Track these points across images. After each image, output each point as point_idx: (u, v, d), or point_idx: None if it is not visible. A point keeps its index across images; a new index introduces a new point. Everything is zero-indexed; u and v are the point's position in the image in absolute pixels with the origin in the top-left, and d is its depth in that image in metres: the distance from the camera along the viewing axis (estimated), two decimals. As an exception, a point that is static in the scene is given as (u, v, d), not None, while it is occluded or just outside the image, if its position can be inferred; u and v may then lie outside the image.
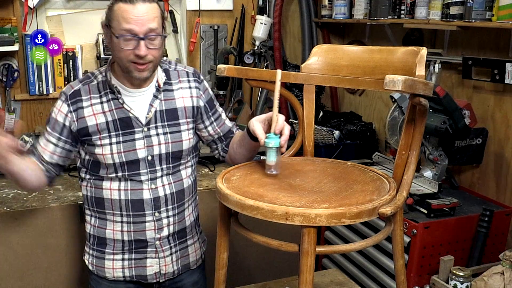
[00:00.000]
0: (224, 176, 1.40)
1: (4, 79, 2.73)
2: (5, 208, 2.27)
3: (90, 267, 1.79)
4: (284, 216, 1.16)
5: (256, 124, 1.49)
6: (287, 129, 1.43)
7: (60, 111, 1.68)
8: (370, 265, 2.45)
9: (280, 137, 1.40)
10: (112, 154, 1.66)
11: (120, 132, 1.67)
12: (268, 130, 1.45)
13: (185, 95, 1.74)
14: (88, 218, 1.79)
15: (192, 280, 1.87)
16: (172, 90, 1.73)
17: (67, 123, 1.67)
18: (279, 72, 1.47)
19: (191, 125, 1.76)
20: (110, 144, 1.66)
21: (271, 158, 1.37)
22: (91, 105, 1.67)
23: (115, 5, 1.57)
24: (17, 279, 2.29)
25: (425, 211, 2.21)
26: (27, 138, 2.77)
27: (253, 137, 1.57)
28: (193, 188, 1.83)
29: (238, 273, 2.60)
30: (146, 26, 1.54)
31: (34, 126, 2.86)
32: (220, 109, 1.84)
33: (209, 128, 1.81)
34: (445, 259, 2.09)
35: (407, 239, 2.16)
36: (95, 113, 1.66)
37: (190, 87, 1.76)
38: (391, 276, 2.30)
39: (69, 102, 1.67)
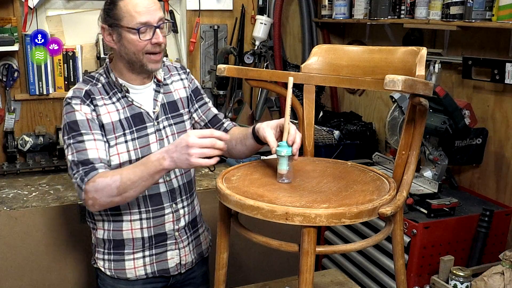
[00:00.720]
0: (224, 176, 1.40)
1: (4, 79, 2.73)
2: (5, 208, 2.27)
3: (108, 272, 1.76)
4: (284, 216, 1.16)
5: (268, 130, 1.48)
6: (299, 138, 1.40)
7: (85, 113, 1.62)
8: (370, 265, 2.45)
9: (291, 146, 1.37)
10: (128, 151, 1.67)
11: (134, 128, 1.68)
12: (279, 137, 1.44)
13: (179, 87, 1.82)
14: (99, 224, 1.76)
15: (202, 271, 1.92)
16: (168, 84, 1.80)
17: (97, 121, 1.64)
18: (291, 79, 1.45)
19: (189, 115, 1.83)
20: (126, 141, 1.67)
21: (283, 167, 1.35)
22: (105, 104, 1.67)
23: (119, 2, 1.60)
24: (17, 279, 2.29)
25: (425, 211, 2.21)
26: (27, 138, 2.78)
27: (258, 140, 1.59)
28: (195, 178, 1.90)
29: (238, 273, 2.60)
30: (157, 15, 1.62)
31: (34, 126, 2.86)
32: (207, 99, 1.89)
33: (194, 115, 1.85)
34: (445, 259, 2.09)
35: (407, 239, 2.16)
36: (109, 111, 1.66)
37: (181, 79, 1.84)
38: (391, 276, 2.30)
39: (88, 102, 1.64)
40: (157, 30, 1.61)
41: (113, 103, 1.68)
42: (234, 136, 1.79)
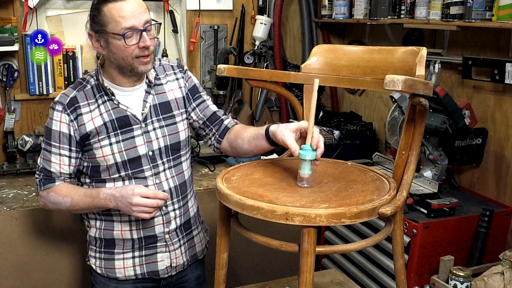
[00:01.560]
0: (224, 176, 1.40)
1: (4, 79, 2.73)
2: (5, 208, 2.27)
3: (99, 271, 1.78)
4: (284, 216, 1.16)
5: (287, 134, 1.41)
6: (322, 142, 1.36)
7: (62, 122, 1.66)
8: (370, 265, 2.45)
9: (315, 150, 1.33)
10: (113, 154, 1.67)
11: (119, 131, 1.68)
12: (298, 140, 1.40)
13: (174, 87, 1.79)
14: (92, 222, 1.78)
15: (196, 275, 1.90)
16: (162, 84, 1.76)
17: (72, 133, 1.67)
18: (316, 81, 1.39)
19: (184, 116, 1.79)
20: (110, 144, 1.67)
21: (305, 171, 1.31)
22: (90, 111, 1.67)
23: (103, 8, 1.58)
24: (17, 279, 2.29)
25: (425, 211, 2.21)
26: (27, 138, 2.78)
27: (272, 142, 1.55)
28: (192, 180, 1.88)
29: (238, 273, 2.60)
30: (143, 18, 1.59)
31: (34, 126, 2.86)
32: (205, 96, 1.85)
33: (192, 114, 1.82)
34: (445, 259, 2.09)
35: (407, 239, 2.16)
36: (93, 118, 1.67)
37: (177, 79, 1.80)
38: (391, 276, 2.30)
39: (69, 111, 1.66)
40: (144, 33, 1.59)
41: (98, 106, 1.68)
42: (241, 134, 1.73)
